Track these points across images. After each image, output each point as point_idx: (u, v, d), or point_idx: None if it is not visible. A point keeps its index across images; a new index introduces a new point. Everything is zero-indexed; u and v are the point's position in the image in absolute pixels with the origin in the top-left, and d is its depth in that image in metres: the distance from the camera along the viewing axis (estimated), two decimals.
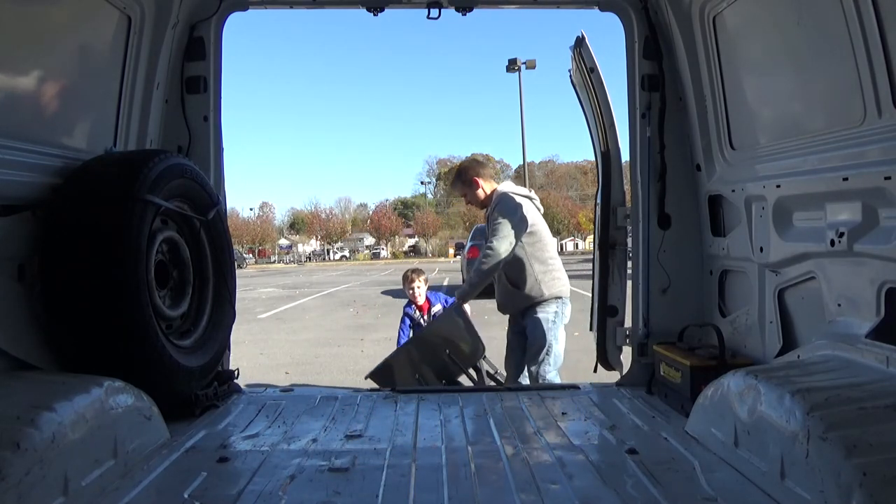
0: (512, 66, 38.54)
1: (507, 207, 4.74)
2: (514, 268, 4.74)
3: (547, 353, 4.68)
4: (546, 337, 4.68)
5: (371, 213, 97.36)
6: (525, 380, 4.86)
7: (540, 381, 4.59)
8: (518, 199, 4.81)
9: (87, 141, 3.42)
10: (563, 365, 4.82)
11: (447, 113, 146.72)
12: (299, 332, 12.60)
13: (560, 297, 4.77)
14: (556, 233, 74.22)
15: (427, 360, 4.61)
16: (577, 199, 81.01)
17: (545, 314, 4.72)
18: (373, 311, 16.14)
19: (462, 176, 5.05)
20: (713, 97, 3.82)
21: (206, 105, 4.11)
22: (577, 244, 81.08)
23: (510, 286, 4.80)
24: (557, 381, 4.64)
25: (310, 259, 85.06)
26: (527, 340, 4.79)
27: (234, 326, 4.02)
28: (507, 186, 4.96)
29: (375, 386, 4.36)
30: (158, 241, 3.33)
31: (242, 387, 4.06)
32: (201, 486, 2.49)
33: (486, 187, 4.96)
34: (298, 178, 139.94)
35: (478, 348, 4.83)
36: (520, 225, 4.68)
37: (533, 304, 4.74)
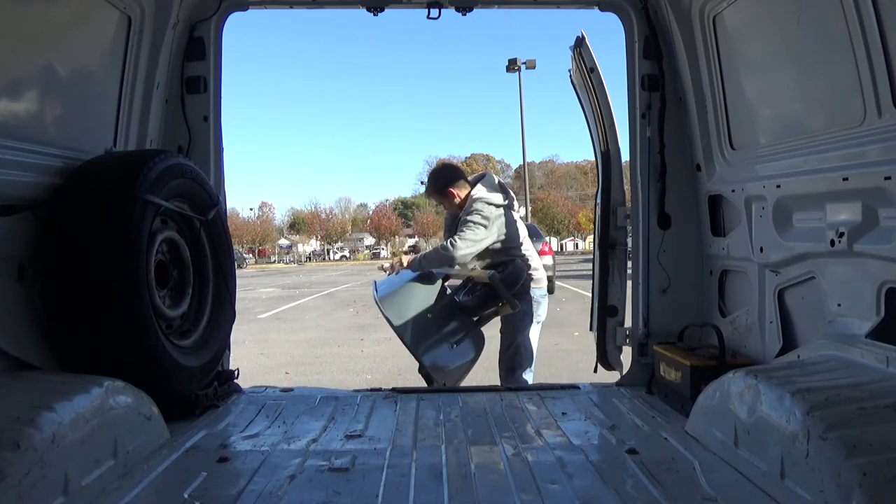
0: (512, 66, 38.60)
1: (485, 215, 4.58)
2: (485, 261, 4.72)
3: (515, 353, 4.65)
4: (515, 336, 4.66)
5: (371, 213, 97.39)
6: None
7: (514, 382, 4.56)
8: (495, 210, 4.63)
9: (87, 141, 3.42)
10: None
11: (447, 113, 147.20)
12: (299, 332, 12.61)
13: (531, 292, 4.72)
14: (556, 233, 74.29)
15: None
16: (577, 199, 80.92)
17: (517, 314, 4.66)
18: (373, 311, 16.00)
19: (435, 184, 4.91)
20: (713, 97, 3.82)
21: (206, 105, 4.11)
22: (577, 244, 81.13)
23: None
24: (530, 381, 4.61)
25: (310, 259, 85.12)
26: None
27: (234, 326, 4.02)
28: (481, 192, 4.68)
29: (375, 386, 4.35)
30: (158, 241, 3.33)
31: (242, 387, 4.06)
32: (201, 486, 2.49)
33: (461, 193, 4.79)
34: (298, 178, 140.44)
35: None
36: (490, 236, 4.57)
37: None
